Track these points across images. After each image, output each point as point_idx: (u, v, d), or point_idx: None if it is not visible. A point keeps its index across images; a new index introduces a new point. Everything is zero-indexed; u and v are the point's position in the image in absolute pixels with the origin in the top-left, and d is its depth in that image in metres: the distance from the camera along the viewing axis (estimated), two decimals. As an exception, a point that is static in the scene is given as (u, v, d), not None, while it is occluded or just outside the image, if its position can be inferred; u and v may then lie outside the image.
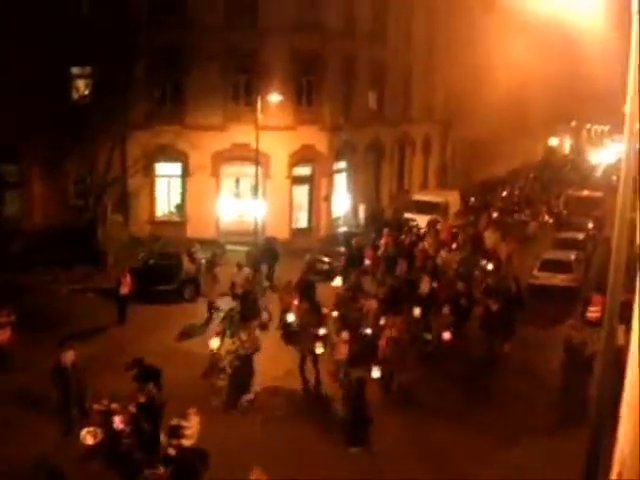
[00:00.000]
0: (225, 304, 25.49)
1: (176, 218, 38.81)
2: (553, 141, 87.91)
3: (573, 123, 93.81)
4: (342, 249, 33.91)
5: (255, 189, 34.98)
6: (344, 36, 38.70)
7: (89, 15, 32.07)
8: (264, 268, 31.32)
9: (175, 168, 38.47)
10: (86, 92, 35.31)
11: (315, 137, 38.20)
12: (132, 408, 16.11)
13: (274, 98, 34.05)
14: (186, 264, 29.85)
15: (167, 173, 38.74)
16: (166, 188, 38.97)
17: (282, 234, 36.86)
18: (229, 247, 35.57)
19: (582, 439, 9.83)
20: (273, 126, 34.98)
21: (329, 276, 30.30)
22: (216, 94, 36.26)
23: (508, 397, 20.63)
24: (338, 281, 28.30)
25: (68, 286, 29.64)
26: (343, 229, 40.26)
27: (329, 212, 40.26)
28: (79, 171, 34.51)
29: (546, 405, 20.00)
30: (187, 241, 34.02)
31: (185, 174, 38.18)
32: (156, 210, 38.70)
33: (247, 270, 27.59)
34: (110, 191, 34.56)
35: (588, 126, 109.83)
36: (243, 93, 36.90)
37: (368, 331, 23.08)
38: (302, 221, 40.18)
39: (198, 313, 26.40)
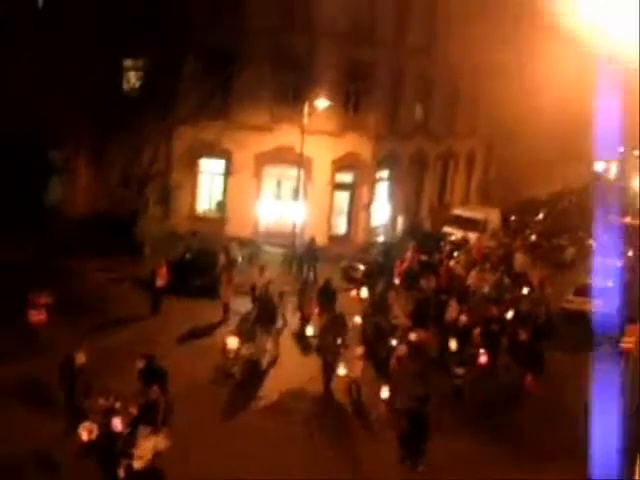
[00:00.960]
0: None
1: (216, 215, 39.01)
2: (599, 165, 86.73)
3: (621, 149, 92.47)
4: (378, 259, 33.96)
5: (296, 192, 35.10)
6: (395, 47, 38.71)
7: (145, 9, 32.35)
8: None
9: (218, 165, 38.68)
10: (137, 84, 35.74)
11: (359, 145, 38.24)
12: (133, 410, 16.06)
13: (321, 103, 34.08)
14: (222, 261, 30.10)
15: (210, 170, 38.98)
16: (208, 185, 39.21)
17: (320, 239, 36.80)
18: (266, 248, 35.78)
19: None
20: (318, 130, 34.99)
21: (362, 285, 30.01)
22: (264, 95, 36.38)
23: (534, 428, 20.35)
24: (364, 292, 28.18)
25: (105, 274, 29.99)
26: (381, 239, 40.34)
27: (368, 221, 40.25)
28: (124, 162, 34.83)
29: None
30: (225, 239, 34.30)
31: (228, 172, 38.37)
32: (197, 206, 38.94)
33: (268, 275, 27.56)
34: (153, 183, 34.89)
35: (636, 152, 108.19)
36: (291, 96, 36.92)
37: (394, 343, 23.16)
38: (341, 228, 40.19)
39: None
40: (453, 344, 22.58)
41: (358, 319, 25.23)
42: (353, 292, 29.14)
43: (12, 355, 20.66)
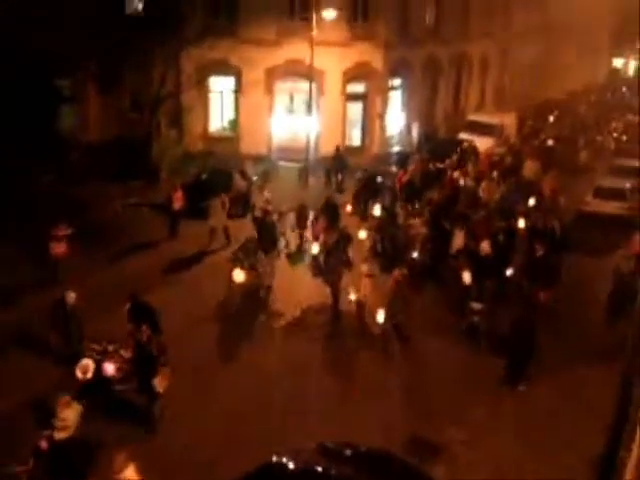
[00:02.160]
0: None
1: (229, 134, 38.86)
2: (617, 62, 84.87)
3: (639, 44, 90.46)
4: (394, 168, 33.80)
5: (309, 106, 34.81)
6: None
7: None
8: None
9: (229, 83, 38.32)
10: (139, 6, 35.19)
11: (370, 54, 37.64)
12: (126, 353, 15.77)
13: (329, 14, 33.44)
14: (237, 181, 30.10)
15: (221, 88, 38.63)
16: (219, 103, 38.92)
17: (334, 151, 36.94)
18: (281, 164, 35.75)
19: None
20: (328, 42, 34.40)
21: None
22: (271, 8, 35.75)
23: (557, 326, 20.14)
24: (377, 209, 27.44)
25: (122, 200, 30.13)
26: (396, 148, 40.11)
27: (383, 130, 39.97)
28: (134, 86, 34.64)
29: (593, 335, 19.83)
30: (239, 157, 34.24)
31: (238, 89, 38.04)
32: (209, 125, 38.75)
33: (267, 193, 27.00)
34: (164, 106, 34.70)
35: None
36: (298, 8, 36.30)
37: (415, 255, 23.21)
38: (355, 139, 39.93)
39: (246, 230, 26.20)
40: (467, 276, 20.29)
41: (363, 234, 25.03)
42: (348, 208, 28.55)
43: (37, 287, 21.05)
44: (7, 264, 22.48)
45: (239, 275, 20.93)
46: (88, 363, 15.29)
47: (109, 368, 15.43)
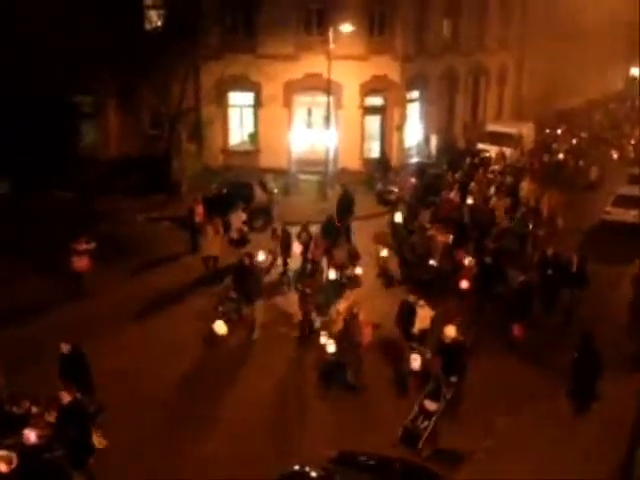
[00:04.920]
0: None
1: (249, 148, 39.06)
2: (635, 71, 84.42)
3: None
4: (413, 180, 33.88)
5: (327, 119, 35.00)
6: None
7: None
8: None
9: (248, 98, 38.57)
10: (159, 23, 35.50)
11: (387, 67, 37.78)
12: (50, 416, 13.79)
13: (346, 27, 33.65)
14: (258, 194, 30.28)
15: (240, 103, 38.89)
16: (239, 118, 39.18)
17: (354, 164, 37.06)
18: (301, 177, 35.91)
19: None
20: (345, 55, 34.70)
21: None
22: (288, 23, 36.08)
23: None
24: (398, 216, 27.74)
25: (143, 214, 30.46)
26: (415, 160, 40.17)
27: (401, 142, 40.03)
28: (153, 101, 34.96)
29: (613, 342, 19.52)
30: (259, 171, 34.44)
31: (258, 104, 38.28)
32: (229, 140, 38.99)
33: (242, 215, 26.66)
34: (184, 121, 35.04)
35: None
36: (315, 22, 36.57)
37: (432, 263, 23.40)
38: (374, 151, 40.06)
39: (265, 242, 26.11)
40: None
41: (385, 252, 25.13)
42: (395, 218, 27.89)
43: (58, 300, 21.39)
44: (29, 278, 22.87)
45: (221, 327, 19.73)
46: (9, 453, 12.51)
47: (30, 436, 13.09)
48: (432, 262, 23.65)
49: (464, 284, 21.68)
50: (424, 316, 18.30)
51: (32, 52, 28.99)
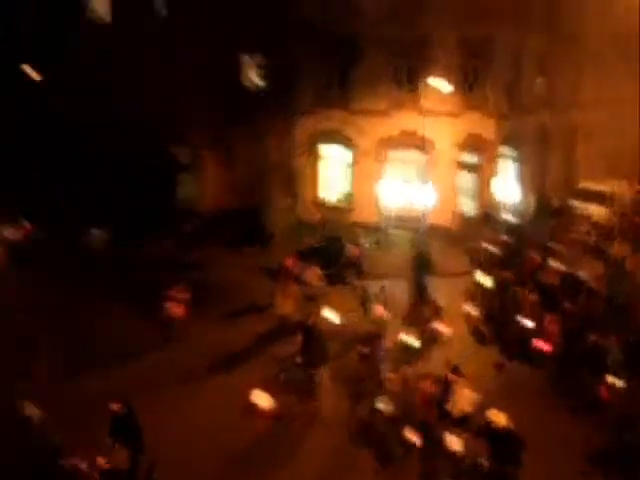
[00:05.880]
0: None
1: (342, 202, 39.34)
2: None
3: None
4: (506, 238, 33.51)
5: (420, 175, 35.04)
6: (513, 23, 37.89)
7: (258, 6, 33.05)
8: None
9: (341, 153, 39.06)
10: (256, 79, 36.47)
11: (481, 124, 37.76)
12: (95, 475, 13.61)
13: (438, 83, 33.83)
14: (349, 247, 30.46)
15: (333, 157, 39.36)
16: (332, 173, 39.64)
17: (446, 221, 36.87)
18: (392, 232, 35.95)
19: None
20: (438, 112, 34.90)
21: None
22: (381, 80, 36.47)
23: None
24: (480, 276, 26.98)
25: (236, 266, 30.80)
26: (509, 217, 39.73)
27: (495, 200, 39.70)
28: (249, 155, 35.73)
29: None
30: (351, 225, 34.69)
31: (351, 159, 38.70)
32: (322, 194, 39.41)
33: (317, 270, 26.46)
34: (278, 175, 35.67)
35: None
36: (407, 79, 36.91)
37: (528, 323, 22.85)
38: (467, 209, 39.85)
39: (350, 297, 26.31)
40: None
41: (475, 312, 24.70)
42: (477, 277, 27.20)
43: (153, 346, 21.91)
44: (125, 322, 23.66)
45: (261, 398, 17.65)
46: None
47: None
48: (522, 320, 23.03)
49: (546, 347, 21.07)
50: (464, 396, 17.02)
51: (138, 106, 30.06)
